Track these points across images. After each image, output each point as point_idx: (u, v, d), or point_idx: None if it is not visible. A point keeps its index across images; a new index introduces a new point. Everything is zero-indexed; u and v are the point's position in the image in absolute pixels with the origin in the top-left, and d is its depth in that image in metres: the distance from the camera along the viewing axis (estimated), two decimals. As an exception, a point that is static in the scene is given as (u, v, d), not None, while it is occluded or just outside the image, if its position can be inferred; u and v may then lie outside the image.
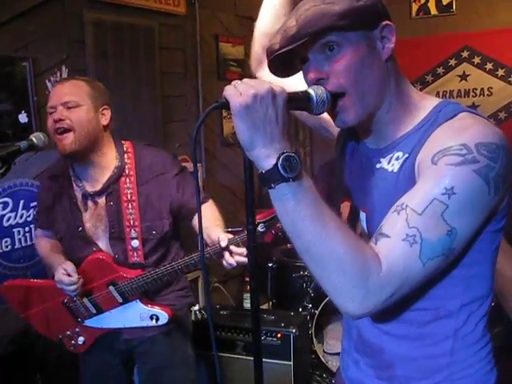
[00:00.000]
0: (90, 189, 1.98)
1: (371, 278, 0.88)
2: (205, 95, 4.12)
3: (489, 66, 4.55)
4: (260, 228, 1.70)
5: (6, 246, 2.85)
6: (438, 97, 1.21)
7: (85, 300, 2.03)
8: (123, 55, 3.50)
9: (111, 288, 1.99)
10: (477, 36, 4.55)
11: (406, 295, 0.93)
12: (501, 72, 4.52)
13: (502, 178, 0.94)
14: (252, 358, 1.06)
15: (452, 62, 4.66)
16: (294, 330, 2.81)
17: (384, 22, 1.04)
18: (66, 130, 1.86)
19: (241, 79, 0.91)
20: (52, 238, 2.17)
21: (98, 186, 1.97)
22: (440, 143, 0.96)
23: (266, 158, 0.88)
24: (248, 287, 3.47)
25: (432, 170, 0.94)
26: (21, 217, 2.93)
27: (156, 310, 2.00)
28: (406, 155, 1.04)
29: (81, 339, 2.10)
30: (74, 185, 2.01)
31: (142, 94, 3.55)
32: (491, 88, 4.57)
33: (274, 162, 0.87)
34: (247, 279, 3.78)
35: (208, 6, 4.17)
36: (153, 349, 2.10)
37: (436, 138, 0.99)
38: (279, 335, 2.80)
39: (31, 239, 2.98)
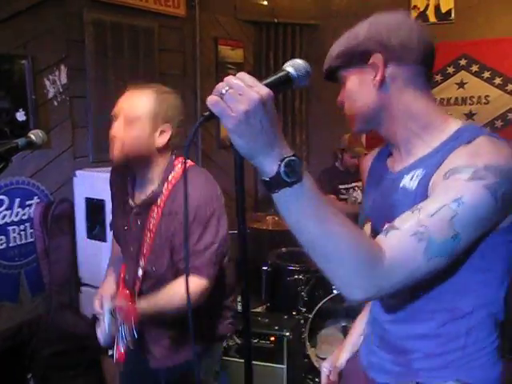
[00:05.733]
0: (134, 200, 1.86)
1: (375, 268, 0.94)
2: (203, 97, 4.13)
3: (486, 74, 4.57)
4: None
5: (1, 244, 2.85)
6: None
7: None
8: (122, 55, 3.51)
9: None
10: (475, 44, 4.57)
11: (409, 287, 1.00)
12: (498, 80, 4.54)
13: (510, 197, 1.02)
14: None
15: (450, 70, 4.67)
16: (287, 334, 2.81)
17: (371, 60, 1.15)
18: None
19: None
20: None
21: (139, 200, 1.84)
22: (452, 165, 1.05)
23: (268, 164, 0.90)
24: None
25: (444, 184, 1.04)
26: (16, 215, 2.93)
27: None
28: (424, 173, 1.12)
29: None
30: (129, 186, 1.88)
31: (141, 94, 3.56)
32: (488, 96, 4.59)
33: (275, 168, 0.89)
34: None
35: (208, 9, 4.19)
36: None
37: (450, 161, 1.07)
38: (273, 338, 2.80)
39: (26, 237, 2.98)
